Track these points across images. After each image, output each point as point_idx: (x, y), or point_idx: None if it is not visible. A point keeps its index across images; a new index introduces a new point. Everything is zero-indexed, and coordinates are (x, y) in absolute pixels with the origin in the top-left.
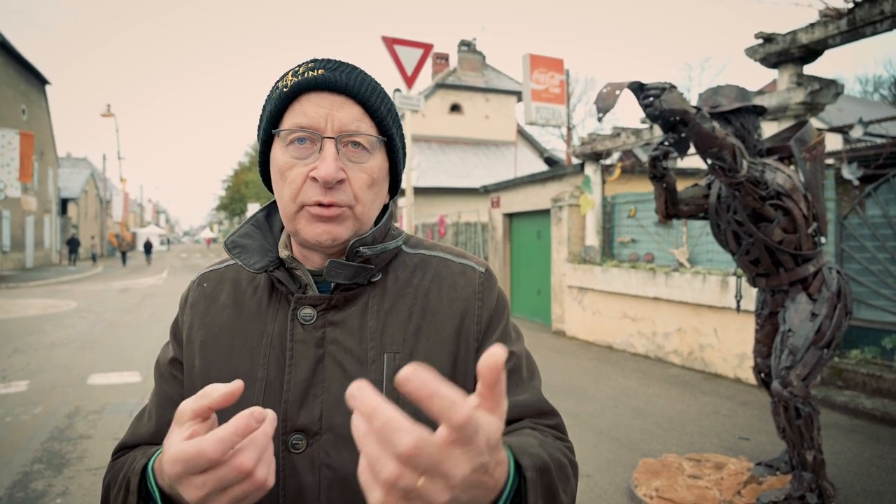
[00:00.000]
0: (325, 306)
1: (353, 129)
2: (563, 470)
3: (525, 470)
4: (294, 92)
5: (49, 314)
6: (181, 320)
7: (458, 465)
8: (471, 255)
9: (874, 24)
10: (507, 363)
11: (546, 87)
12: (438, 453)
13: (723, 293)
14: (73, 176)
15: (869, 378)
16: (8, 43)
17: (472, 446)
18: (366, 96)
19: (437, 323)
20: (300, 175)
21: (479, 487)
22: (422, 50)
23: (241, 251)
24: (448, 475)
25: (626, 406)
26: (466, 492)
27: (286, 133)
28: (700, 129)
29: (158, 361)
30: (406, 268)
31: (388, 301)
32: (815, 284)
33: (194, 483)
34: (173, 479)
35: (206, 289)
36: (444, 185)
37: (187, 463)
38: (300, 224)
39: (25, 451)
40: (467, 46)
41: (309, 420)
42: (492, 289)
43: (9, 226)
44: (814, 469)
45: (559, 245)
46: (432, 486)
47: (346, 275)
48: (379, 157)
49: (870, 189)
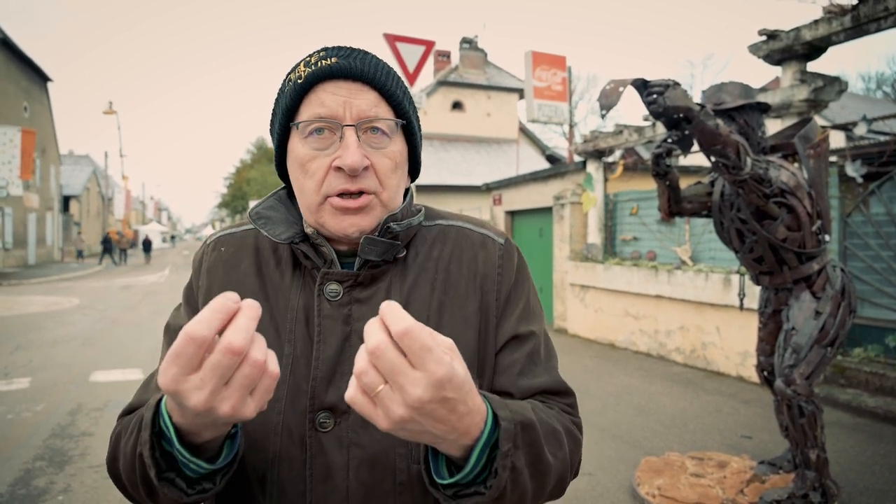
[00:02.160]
0: (352, 283)
1: (372, 114)
2: (555, 435)
3: (501, 420)
4: (309, 82)
5: (51, 311)
6: (196, 285)
7: (415, 384)
8: (490, 224)
9: (878, 20)
10: (527, 344)
11: (548, 85)
12: (395, 360)
13: (725, 291)
14: (75, 173)
15: (872, 376)
16: (10, 40)
17: (428, 372)
18: (382, 81)
19: (458, 299)
20: (322, 166)
21: (444, 423)
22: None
23: (265, 222)
24: (405, 390)
25: (628, 404)
26: (429, 421)
27: (305, 124)
28: (704, 127)
29: (170, 326)
30: (425, 241)
31: (411, 277)
32: (818, 282)
33: (192, 384)
34: (170, 386)
35: (223, 253)
36: (446, 182)
37: (178, 357)
38: (325, 217)
39: (27, 448)
40: (469, 44)
41: (337, 398)
42: (511, 262)
43: (11, 223)
44: (817, 467)
45: (561, 243)
46: (391, 395)
47: (377, 251)
48: (399, 141)
49: (873, 187)
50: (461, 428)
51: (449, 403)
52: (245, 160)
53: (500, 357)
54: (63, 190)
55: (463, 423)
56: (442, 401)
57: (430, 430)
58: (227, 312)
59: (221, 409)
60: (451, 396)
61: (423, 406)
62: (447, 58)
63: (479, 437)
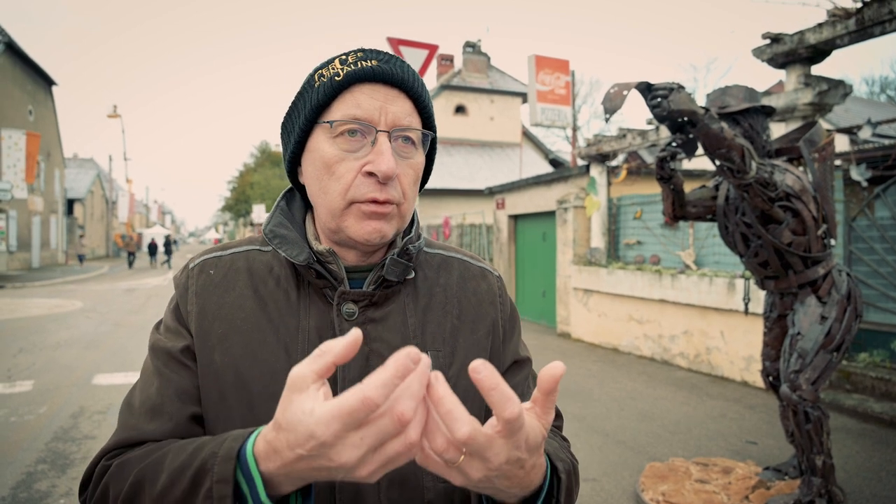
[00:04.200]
0: (367, 303)
1: (406, 123)
2: (576, 471)
3: (560, 472)
4: (348, 81)
5: (54, 314)
6: (185, 308)
7: (498, 452)
8: (479, 256)
9: (883, 23)
10: (525, 369)
11: (551, 89)
12: (486, 442)
13: (730, 295)
14: (79, 177)
15: (878, 381)
16: (15, 44)
17: (514, 440)
18: (418, 91)
19: (469, 324)
20: (351, 170)
21: (511, 479)
22: (427, 51)
23: (281, 241)
24: (488, 459)
25: (632, 409)
26: (500, 478)
27: (339, 124)
28: (708, 130)
29: (159, 348)
30: (431, 267)
31: (423, 299)
32: (824, 287)
33: (351, 442)
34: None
35: (213, 276)
36: (448, 186)
37: (349, 416)
38: (348, 221)
39: (30, 451)
40: (472, 48)
41: None
42: (506, 293)
43: (15, 226)
44: (823, 474)
45: (564, 247)
46: (471, 463)
47: (398, 272)
48: (421, 153)
49: (879, 190)
50: (526, 482)
51: (521, 462)
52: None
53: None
54: (67, 193)
55: (529, 477)
56: (517, 461)
57: (497, 485)
58: (407, 374)
59: (360, 471)
60: (525, 457)
61: (500, 468)
62: (450, 62)
63: (541, 488)
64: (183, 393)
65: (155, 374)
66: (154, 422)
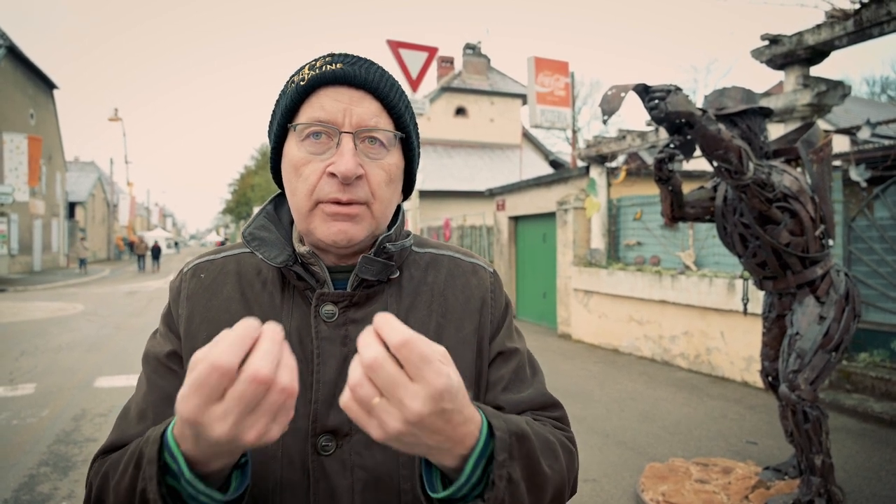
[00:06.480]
0: (347, 303)
1: (372, 124)
2: (550, 446)
3: (496, 429)
4: (311, 85)
5: (56, 317)
6: (175, 313)
7: (413, 398)
8: (475, 254)
9: (881, 24)
10: (512, 361)
11: (551, 90)
12: (393, 373)
13: (729, 296)
14: (80, 180)
15: (878, 381)
16: (16, 48)
17: (427, 384)
18: (385, 92)
19: (455, 321)
20: (316, 171)
21: (440, 434)
22: (427, 53)
23: (259, 244)
24: (403, 404)
25: (632, 410)
26: (425, 432)
27: (302, 127)
28: (706, 132)
29: (149, 355)
30: (418, 266)
31: (407, 299)
32: (822, 287)
33: (216, 414)
34: (192, 417)
35: (203, 280)
36: (449, 188)
37: (202, 387)
38: (314, 223)
39: (32, 453)
40: (472, 49)
41: (339, 421)
42: (500, 288)
43: (17, 229)
44: (822, 473)
45: (565, 248)
46: (387, 408)
47: (374, 271)
48: (396, 154)
49: (878, 191)
50: (456, 437)
51: (446, 414)
52: (249, 166)
53: (487, 373)
54: (69, 196)
55: (458, 432)
56: (440, 412)
57: (426, 441)
58: (251, 338)
59: (247, 437)
60: (448, 407)
61: (421, 420)
62: (450, 63)
63: (474, 446)
64: (167, 398)
65: (144, 381)
66: (139, 425)
